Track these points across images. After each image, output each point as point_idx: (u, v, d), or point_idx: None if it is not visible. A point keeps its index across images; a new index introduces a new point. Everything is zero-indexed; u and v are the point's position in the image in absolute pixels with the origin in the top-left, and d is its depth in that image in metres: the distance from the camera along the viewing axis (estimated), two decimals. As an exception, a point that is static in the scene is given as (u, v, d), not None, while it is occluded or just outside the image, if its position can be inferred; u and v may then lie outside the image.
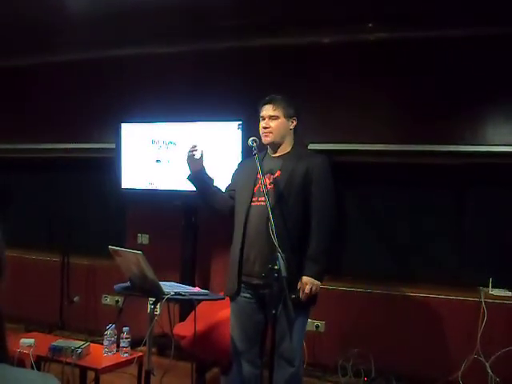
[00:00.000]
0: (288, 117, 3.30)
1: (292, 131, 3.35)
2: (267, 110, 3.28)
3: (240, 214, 3.29)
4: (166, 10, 4.37)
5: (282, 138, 3.31)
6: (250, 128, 3.54)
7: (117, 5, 4.35)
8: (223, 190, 3.48)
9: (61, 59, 5.69)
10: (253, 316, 3.27)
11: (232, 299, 3.34)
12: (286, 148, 3.34)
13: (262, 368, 3.32)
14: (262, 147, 3.34)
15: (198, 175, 3.36)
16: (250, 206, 3.24)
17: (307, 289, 3.10)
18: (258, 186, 3.22)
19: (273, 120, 3.27)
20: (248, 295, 3.27)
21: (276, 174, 3.23)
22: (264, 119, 3.29)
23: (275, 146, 3.33)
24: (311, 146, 4.65)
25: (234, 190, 3.42)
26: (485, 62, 4.42)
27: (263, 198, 3.07)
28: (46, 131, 5.88)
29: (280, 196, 3.16)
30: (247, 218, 3.23)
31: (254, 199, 3.24)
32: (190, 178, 3.39)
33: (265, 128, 3.28)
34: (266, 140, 3.30)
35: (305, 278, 3.12)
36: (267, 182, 3.15)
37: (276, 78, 4.88)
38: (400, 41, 4.61)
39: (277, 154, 3.34)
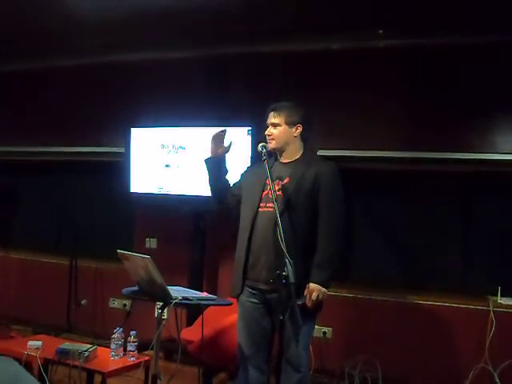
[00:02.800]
0: (291, 124, 3.31)
1: (298, 138, 3.35)
2: (270, 118, 3.33)
3: (246, 219, 3.28)
4: (177, 16, 4.39)
5: (285, 144, 3.32)
6: (260, 134, 3.54)
7: (127, 10, 4.38)
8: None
9: (71, 63, 5.71)
10: (260, 321, 3.26)
11: (238, 299, 3.34)
12: (294, 155, 3.34)
13: (269, 374, 3.31)
14: (272, 153, 3.36)
15: (217, 161, 3.42)
16: (257, 212, 3.23)
17: (314, 296, 3.09)
18: (266, 191, 3.22)
19: (275, 127, 3.31)
20: (255, 300, 3.25)
21: (285, 181, 3.23)
22: (268, 126, 3.34)
23: (280, 151, 3.35)
24: (320, 153, 4.65)
25: (239, 189, 3.45)
26: (494, 69, 4.40)
27: (271, 204, 3.07)
28: (55, 135, 5.91)
29: (288, 202, 3.15)
30: (254, 223, 3.23)
31: (261, 205, 3.23)
32: (208, 161, 3.44)
33: (267, 135, 3.34)
34: (269, 146, 3.33)
35: (312, 285, 3.10)
36: (276, 188, 3.16)
37: (286, 84, 4.89)
38: (410, 48, 4.60)
39: (286, 161, 3.34)
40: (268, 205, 3.18)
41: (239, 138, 4.67)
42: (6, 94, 6.22)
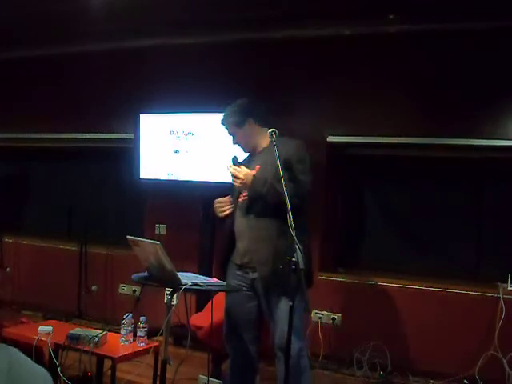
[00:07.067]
0: (240, 124, 3.40)
1: (258, 128, 3.42)
2: (226, 132, 3.48)
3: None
4: (188, 1, 4.37)
5: (253, 139, 3.44)
6: (269, 119, 3.52)
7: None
8: None
9: (79, 50, 5.71)
10: (245, 304, 3.38)
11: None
12: (262, 143, 3.43)
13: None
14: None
15: None
16: (236, 203, 3.41)
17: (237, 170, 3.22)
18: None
19: (234, 136, 3.44)
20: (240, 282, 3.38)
21: (256, 169, 3.31)
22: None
23: (254, 148, 3.47)
24: (330, 139, 4.64)
25: None
26: (507, 54, 4.36)
27: (244, 193, 3.31)
28: (65, 121, 5.91)
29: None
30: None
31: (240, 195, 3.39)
32: None
33: (234, 145, 3.48)
34: (245, 151, 3.50)
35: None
36: None
37: (297, 70, 4.86)
38: (421, 33, 4.56)
39: (257, 151, 3.47)
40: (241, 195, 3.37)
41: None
42: (16, 81, 6.23)
